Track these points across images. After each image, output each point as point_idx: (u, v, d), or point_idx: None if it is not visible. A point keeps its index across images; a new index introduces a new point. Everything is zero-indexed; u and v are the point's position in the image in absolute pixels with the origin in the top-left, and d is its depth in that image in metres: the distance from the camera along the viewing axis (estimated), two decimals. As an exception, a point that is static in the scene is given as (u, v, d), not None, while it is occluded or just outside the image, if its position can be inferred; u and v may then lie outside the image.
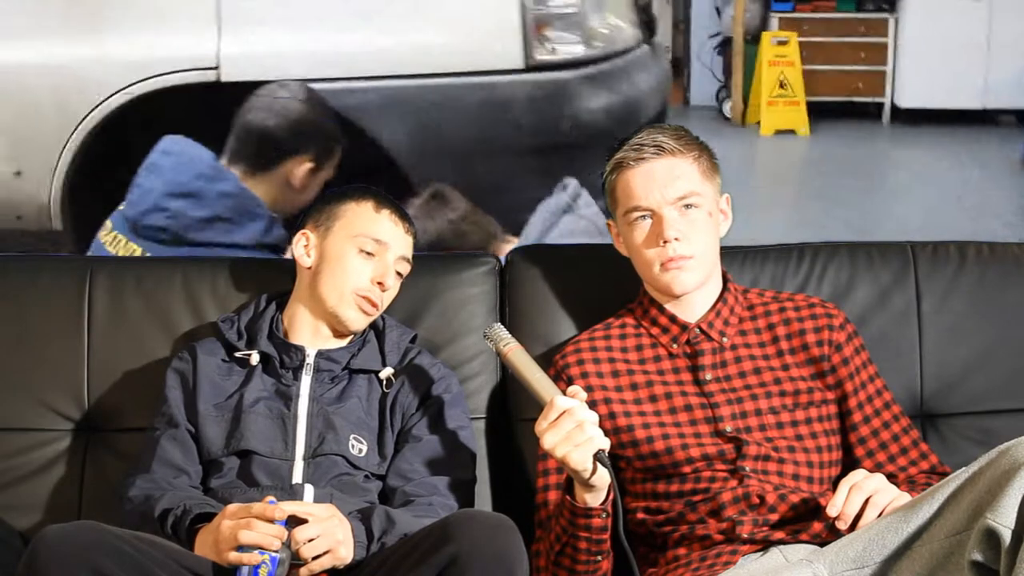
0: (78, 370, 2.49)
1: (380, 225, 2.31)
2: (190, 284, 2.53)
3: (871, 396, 2.27)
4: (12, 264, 2.65)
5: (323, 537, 1.99)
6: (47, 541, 1.87)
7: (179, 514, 2.07)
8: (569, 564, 2.10)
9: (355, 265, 2.29)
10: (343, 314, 2.29)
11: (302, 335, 2.33)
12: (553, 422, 1.99)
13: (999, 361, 2.48)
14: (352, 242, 2.30)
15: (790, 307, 2.31)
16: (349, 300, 2.29)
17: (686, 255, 2.21)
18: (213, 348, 2.34)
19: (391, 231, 2.32)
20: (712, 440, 2.18)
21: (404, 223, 2.34)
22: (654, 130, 2.27)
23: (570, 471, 2.01)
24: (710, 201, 2.24)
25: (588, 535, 2.05)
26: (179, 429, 2.26)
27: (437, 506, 2.16)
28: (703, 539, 2.11)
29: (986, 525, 1.73)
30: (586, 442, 1.97)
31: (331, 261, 2.30)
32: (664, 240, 2.20)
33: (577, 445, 1.97)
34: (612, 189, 2.28)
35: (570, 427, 1.97)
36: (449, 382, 2.34)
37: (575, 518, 2.05)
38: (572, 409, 1.99)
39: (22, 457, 2.46)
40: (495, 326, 2.16)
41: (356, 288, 2.28)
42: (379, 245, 2.30)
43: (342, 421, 2.25)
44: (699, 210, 2.22)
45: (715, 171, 2.28)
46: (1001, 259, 2.54)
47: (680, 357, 2.26)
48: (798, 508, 2.11)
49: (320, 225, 2.34)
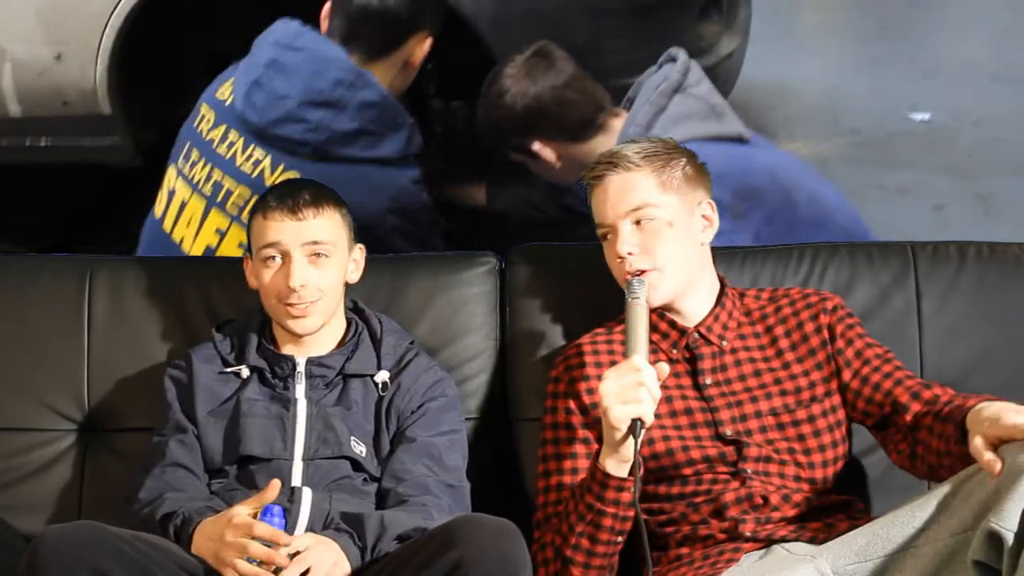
0: (78, 370, 2.49)
1: (267, 230, 2.29)
2: (190, 284, 2.53)
3: (859, 351, 2.25)
4: (12, 264, 2.65)
5: (314, 569, 1.98)
6: (47, 541, 1.87)
7: (179, 523, 2.08)
8: (589, 545, 2.08)
9: (265, 279, 2.29)
10: (285, 325, 2.31)
11: (288, 345, 2.34)
12: (620, 374, 2.01)
13: (999, 361, 2.48)
14: (258, 258, 2.31)
15: (785, 303, 2.32)
16: (279, 311, 2.30)
17: (646, 268, 2.22)
18: (209, 355, 2.34)
19: (277, 230, 2.28)
20: (713, 443, 2.18)
21: (293, 212, 2.28)
22: (623, 144, 2.30)
23: (605, 426, 2.02)
24: (672, 211, 2.24)
25: (615, 510, 2.04)
26: (187, 433, 2.27)
27: (430, 507, 2.16)
28: (706, 539, 2.11)
29: (989, 528, 1.74)
30: (634, 402, 1.98)
31: (257, 283, 2.33)
32: (619, 256, 2.23)
33: (624, 402, 1.99)
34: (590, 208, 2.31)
35: (629, 383, 1.99)
36: (445, 385, 2.34)
37: (605, 490, 2.04)
38: (642, 371, 2.00)
39: (22, 457, 2.46)
40: (639, 281, 2.17)
41: (277, 297, 2.29)
42: (273, 248, 2.29)
43: (341, 424, 2.25)
44: (656, 222, 2.23)
45: (689, 180, 2.28)
46: (1001, 259, 2.54)
47: (680, 362, 2.27)
48: (801, 507, 2.12)
49: (249, 249, 2.36)
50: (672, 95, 3.17)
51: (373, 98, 3.12)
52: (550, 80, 3.18)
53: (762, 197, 3.09)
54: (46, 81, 3.31)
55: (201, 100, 3.24)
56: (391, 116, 3.13)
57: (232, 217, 3.09)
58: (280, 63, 3.15)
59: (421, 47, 3.17)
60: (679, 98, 3.18)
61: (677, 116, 3.15)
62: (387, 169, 3.13)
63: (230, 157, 3.16)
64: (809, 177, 3.29)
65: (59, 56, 3.31)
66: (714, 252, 2.37)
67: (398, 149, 3.13)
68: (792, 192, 3.15)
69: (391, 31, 3.18)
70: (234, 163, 3.15)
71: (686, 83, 3.20)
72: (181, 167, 3.21)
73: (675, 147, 2.30)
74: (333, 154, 3.12)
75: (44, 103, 3.32)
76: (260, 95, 3.13)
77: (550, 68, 3.19)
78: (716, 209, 2.32)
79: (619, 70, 3.27)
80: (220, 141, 3.18)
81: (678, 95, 3.18)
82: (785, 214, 3.08)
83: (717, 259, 2.40)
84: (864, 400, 2.22)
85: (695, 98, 3.20)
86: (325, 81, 3.12)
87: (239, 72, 3.19)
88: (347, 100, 3.12)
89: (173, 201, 3.20)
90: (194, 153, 3.21)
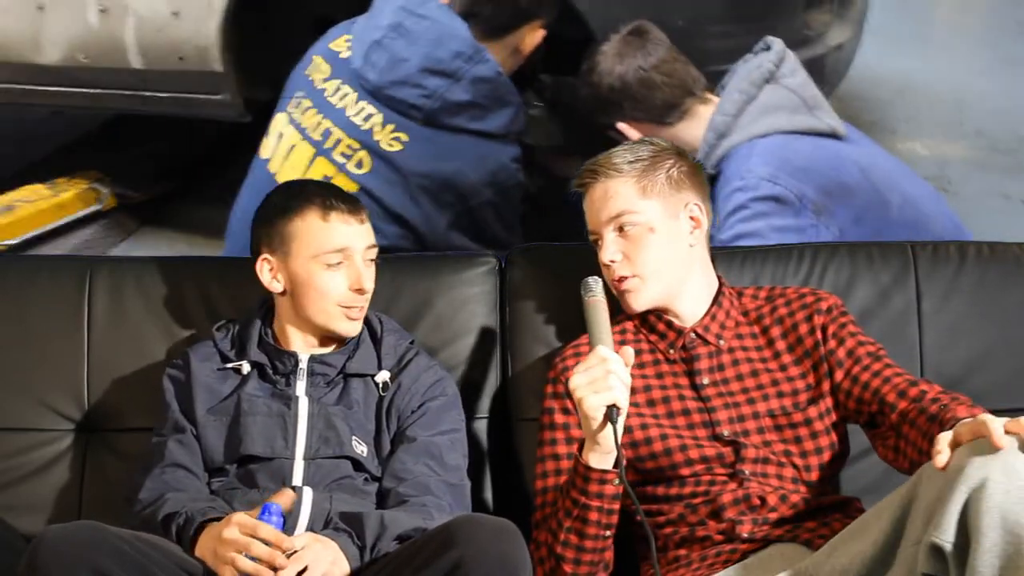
0: (78, 370, 2.49)
1: (334, 234, 2.28)
2: (190, 284, 2.53)
3: (851, 350, 2.24)
4: (12, 264, 2.65)
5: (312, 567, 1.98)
6: (47, 541, 1.87)
7: (182, 523, 2.07)
8: (578, 541, 2.09)
9: (327, 281, 2.28)
10: (335, 328, 2.30)
11: (293, 343, 2.33)
12: (588, 367, 2.01)
13: (999, 361, 2.48)
14: (315, 262, 2.27)
15: (781, 303, 2.32)
16: (336, 314, 2.29)
17: (626, 275, 2.24)
18: (208, 353, 2.34)
19: (346, 234, 2.29)
20: (710, 443, 2.18)
21: (355, 214, 2.30)
22: (610, 151, 2.30)
23: (581, 417, 2.02)
24: (653, 216, 2.24)
25: (600, 503, 2.05)
26: (185, 433, 2.26)
27: (430, 507, 2.16)
28: (703, 540, 2.11)
29: (930, 542, 1.74)
30: (605, 390, 1.98)
31: (303, 285, 2.29)
32: (604, 264, 2.24)
33: (596, 392, 1.99)
34: None
35: (598, 374, 1.99)
36: (445, 384, 2.34)
37: (588, 484, 2.04)
38: (608, 359, 2.00)
39: (22, 457, 2.46)
40: (595, 279, 2.15)
41: (338, 302, 2.28)
42: (341, 252, 2.28)
43: (343, 423, 2.25)
44: (637, 228, 2.24)
45: (674, 183, 2.27)
46: (1001, 259, 2.54)
47: (677, 362, 2.27)
48: (798, 507, 2.12)
49: (277, 249, 2.31)
50: (763, 85, 3.14)
51: (488, 74, 3.19)
52: (638, 61, 3.16)
53: (851, 195, 3.06)
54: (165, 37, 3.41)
55: (313, 51, 3.32)
56: (502, 93, 3.20)
57: (338, 165, 3.17)
58: (404, 27, 3.23)
59: (533, 36, 3.23)
60: (770, 88, 3.15)
61: (766, 107, 3.13)
62: (490, 143, 3.20)
63: (341, 108, 3.25)
64: (908, 179, 3.22)
65: (177, 13, 3.38)
66: (714, 252, 2.37)
67: (503, 125, 3.20)
68: (885, 192, 3.10)
69: (509, 16, 3.25)
70: (344, 114, 3.24)
71: (779, 73, 3.16)
72: (291, 113, 3.28)
73: (663, 149, 2.30)
74: (441, 122, 3.19)
75: (162, 57, 3.42)
76: (381, 55, 3.21)
77: (641, 48, 3.17)
78: (705, 210, 2.31)
79: (722, 55, 3.25)
80: (333, 93, 3.26)
81: (769, 85, 3.15)
82: (875, 214, 3.04)
83: (717, 259, 2.40)
84: (855, 400, 2.21)
85: (787, 89, 3.16)
86: (445, 51, 3.20)
87: (359, 28, 3.27)
88: (463, 72, 3.19)
89: (281, 144, 3.28)
90: (305, 101, 3.29)
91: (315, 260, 2.27)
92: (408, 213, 3.17)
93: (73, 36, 3.44)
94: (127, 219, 3.54)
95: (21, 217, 3.43)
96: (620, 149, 2.29)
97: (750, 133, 3.09)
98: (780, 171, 3.04)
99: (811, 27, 3.37)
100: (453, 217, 3.19)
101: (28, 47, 3.48)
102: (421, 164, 3.17)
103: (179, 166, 3.55)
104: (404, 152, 3.18)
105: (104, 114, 3.59)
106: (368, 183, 3.17)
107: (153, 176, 3.54)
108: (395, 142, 3.19)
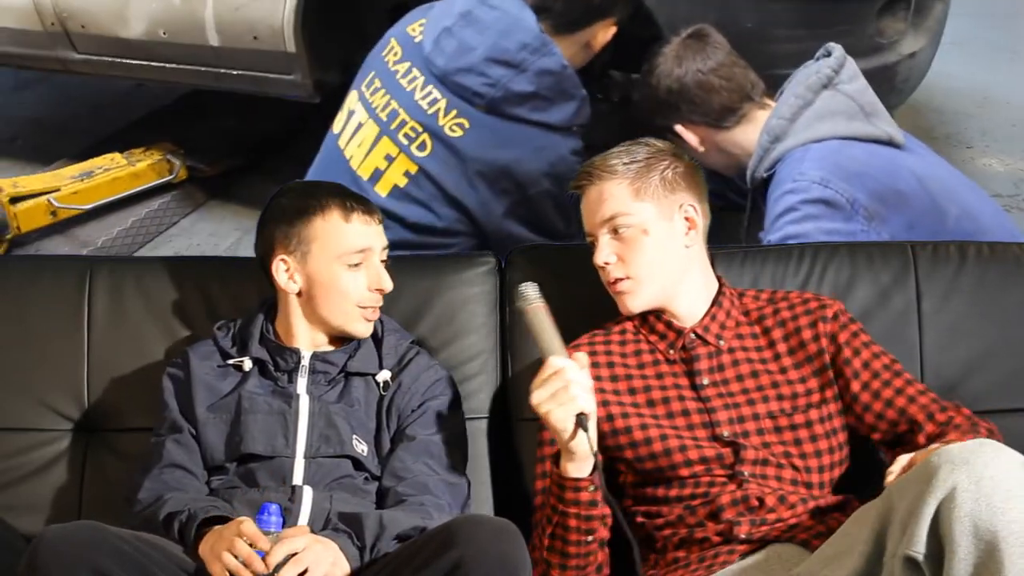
0: (78, 370, 2.49)
1: (355, 235, 2.29)
2: (190, 284, 2.53)
3: (867, 362, 2.26)
4: (12, 264, 2.65)
5: (312, 569, 1.97)
6: (47, 541, 1.87)
7: (184, 520, 2.07)
8: (561, 547, 2.10)
9: (348, 282, 2.28)
10: (352, 328, 2.30)
11: (298, 341, 2.33)
12: (543, 380, 2.01)
13: (999, 361, 2.48)
14: (337, 262, 2.28)
15: (784, 307, 2.32)
16: (355, 315, 2.29)
17: (621, 277, 2.24)
18: (208, 351, 2.34)
19: (366, 234, 2.30)
20: (710, 444, 2.18)
21: (371, 214, 2.32)
22: (606, 153, 2.30)
23: (552, 432, 2.02)
24: (646, 218, 2.25)
25: (577, 510, 2.05)
26: (183, 433, 2.26)
27: (429, 506, 2.16)
28: (702, 541, 2.11)
29: (904, 554, 1.75)
30: (569, 401, 1.99)
31: (323, 285, 2.29)
32: (599, 266, 2.25)
33: (560, 404, 1.99)
34: None
35: (558, 386, 1.99)
36: (445, 384, 2.34)
37: (563, 492, 2.05)
38: (563, 369, 2.00)
39: (22, 457, 2.46)
40: (527, 285, 2.15)
41: (358, 302, 2.29)
42: (362, 253, 2.29)
43: (343, 422, 2.25)
44: (631, 230, 2.24)
45: (668, 184, 2.27)
46: (1001, 259, 2.54)
47: (677, 363, 2.27)
48: (797, 508, 2.12)
49: (294, 250, 2.30)
50: (821, 90, 3.13)
51: (553, 67, 3.22)
52: (696, 64, 3.17)
53: (905, 202, 3.04)
54: (241, 16, 3.50)
55: (391, 33, 3.38)
56: (566, 87, 3.23)
57: (401, 146, 3.23)
58: (474, 16, 3.28)
59: (605, 32, 3.27)
60: (827, 94, 3.14)
61: (822, 112, 3.12)
62: (552, 135, 3.23)
63: (410, 90, 3.30)
64: (969, 191, 3.20)
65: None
66: (713, 252, 2.37)
67: (566, 118, 3.22)
68: (942, 203, 3.08)
69: (581, 11, 3.28)
70: (412, 97, 3.29)
71: (838, 79, 3.15)
72: (363, 92, 3.34)
73: (659, 151, 2.30)
74: (504, 111, 3.24)
75: (238, 36, 3.52)
76: (450, 42, 3.26)
77: (700, 51, 3.18)
78: (701, 211, 2.30)
79: (787, 59, 3.26)
80: (404, 75, 3.32)
81: (827, 91, 3.14)
82: (930, 223, 3.01)
83: (717, 259, 2.40)
84: (874, 415, 2.23)
85: (845, 96, 3.15)
86: (512, 42, 3.23)
87: (433, 13, 3.31)
88: (528, 64, 3.23)
89: (351, 121, 3.34)
90: (376, 81, 3.35)
91: (337, 261, 2.27)
92: (466, 198, 3.20)
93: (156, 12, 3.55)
94: (197, 191, 3.69)
95: (98, 184, 3.65)
96: (617, 150, 2.30)
97: (805, 137, 3.09)
98: (832, 175, 3.02)
99: (884, 35, 3.38)
100: (510, 205, 3.22)
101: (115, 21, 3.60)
102: (480, 151, 3.20)
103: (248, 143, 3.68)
104: (465, 138, 3.21)
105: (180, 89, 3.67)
106: (428, 165, 3.21)
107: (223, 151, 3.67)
108: (457, 128, 3.22)
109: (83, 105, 3.86)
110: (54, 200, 3.60)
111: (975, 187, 3.25)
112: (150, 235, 3.65)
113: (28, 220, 3.60)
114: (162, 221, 3.53)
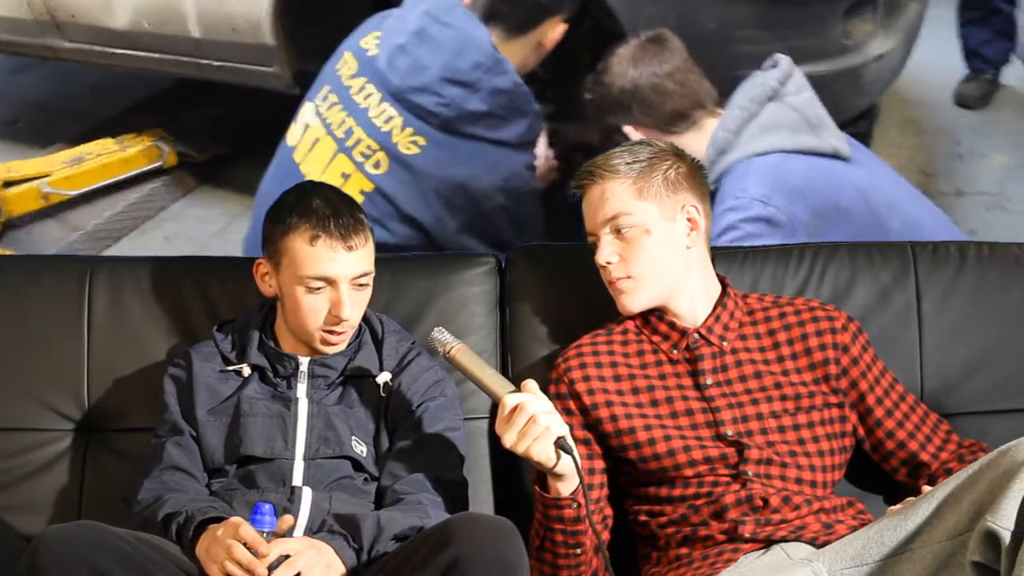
0: (78, 370, 2.49)
1: (316, 261, 2.21)
2: (190, 284, 2.53)
3: (887, 390, 2.29)
4: (12, 264, 2.65)
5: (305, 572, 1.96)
6: (47, 541, 1.87)
7: (182, 521, 2.07)
8: (551, 559, 2.12)
9: (308, 305, 2.23)
10: (317, 347, 2.28)
11: (291, 345, 2.32)
12: (507, 420, 2.01)
13: (999, 361, 2.48)
14: (299, 283, 2.23)
15: (790, 311, 2.32)
16: (315, 336, 2.26)
17: (621, 276, 2.24)
18: (209, 353, 2.33)
19: (331, 261, 2.21)
20: (714, 443, 2.18)
21: (345, 240, 2.21)
22: (608, 152, 2.29)
23: (536, 465, 2.03)
24: (649, 218, 2.24)
25: (563, 527, 2.07)
26: (183, 435, 2.26)
27: (426, 504, 2.15)
28: (705, 539, 2.12)
29: (986, 527, 1.73)
30: (543, 433, 1.99)
31: (288, 300, 2.26)
32: (600, 265, 2.25)
33: (536, 439, 1.99)
34: None
35: (523, 422, 2.00)
36: (444, 385, 2.34)
37: (547, 510, 2.06)
38: (522, 404, 2.01)
39: (22, 457, 2.46)
40: (438, 330, 2.15)
41: (316, 327, 2.25)
42: (323, 280, 2.23)
43: (342, 423, 2.25)
44: (633, 230, 2.24)
45: (671, 185, 2.26)
46: (1001, 259, 2.54)
47: (680, 363, 2.27)
48: (801, 508, 2.12)
49: (272, 257, 2.28)
50: (765, 102, 3.15)
51: (506, 85, 3.26)
52: (652, 67, 3.20)
53: (845, 217, 3.06)
54: (222, 8, 3.55)
55: (344, 47, 3.40)
56: (519, 104, 3.27)
57: (357, 164, 3.25)
58: (427, 33, 3.31)
59: (554, 30, 3.30)
60: (773, 106, 3.16)
61: (767, 125, 3.14)
62: (505, 151, 3.27)
63: (364, 107, 3.32)
64: (914, 202, 3.21)
65: None
66: (714, 253, 2.37)
67: (519, 135, 3.27)
68: (883, 216, 3.10)
69: (529, 13, 3.33)
70: (367, 114, 3.31)
71: (783, 91, 3.17)
72: (318, 106, 3.36)
73: (661, 151, 2.30)
74: (458, 129, 3.27)
75: (218, 28, 3.56)
76: (404, 60, 3.29)
77: (657, 55, 3.21)
78: (704, 211, 2.30)
79: (750, 61, 3.27)
80: (358, 91, 3.34)
81: (772, 103, 3.16)
82: (870, 236, 3.01)
83: (717, 259, 2.40)
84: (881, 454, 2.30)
85: (790, 108, 3.17)
86: (466, 61, 3.27)
87: (387, 30, 3.33)
88: (482, 84, 3.28)
89: (306, 136, 3.36)
90: (332, 96, 3.37)
91: (299, 282, 2.23)
92: (420, 215, 3.21)
93: (140, 2, 3.60)
94: (187, 177, 3.74)
95: (88, 169, 3.71)
96: (619, 150, 2.29)
97: (750, 150, 3.10)
98: (774, 191, 3.04)
99: (851, 36, 3.37)
100: (465, 220, 3.23)
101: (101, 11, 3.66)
102: (436, 168, 3.21)
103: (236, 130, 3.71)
104: (421, 156, 3.22)
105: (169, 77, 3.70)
106: (383, 184, 3.21)
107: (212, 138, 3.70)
108: (413, 145, 3.24)
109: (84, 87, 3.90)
110: (46, 185, 3.65)
111: (920, 197, 3.27)
112: (140, 220, 3.69)
113: (20, 204, 3.66)
114: (152, 206, 3.58)
